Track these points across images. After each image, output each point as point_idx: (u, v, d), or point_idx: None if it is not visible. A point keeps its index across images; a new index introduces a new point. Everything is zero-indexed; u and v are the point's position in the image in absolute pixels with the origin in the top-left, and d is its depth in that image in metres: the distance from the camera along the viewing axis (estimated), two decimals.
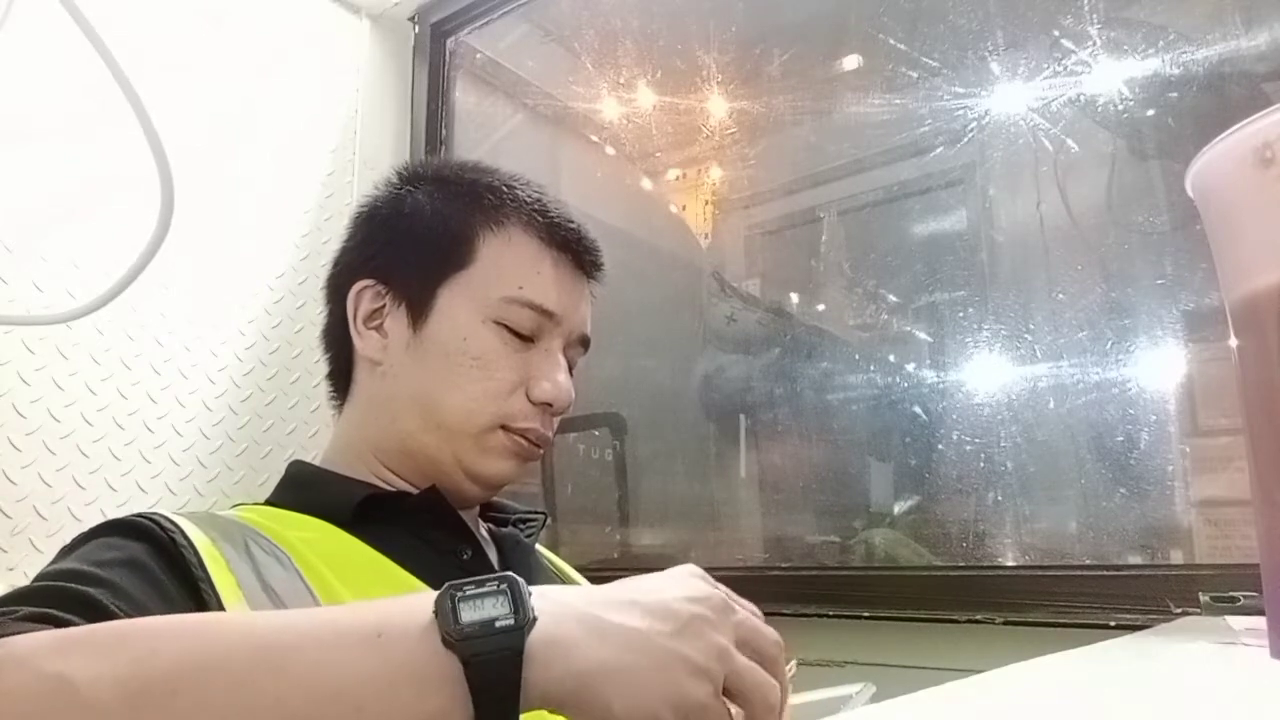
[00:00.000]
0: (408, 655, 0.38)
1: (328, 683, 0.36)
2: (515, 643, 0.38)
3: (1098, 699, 0.39)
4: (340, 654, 0.37)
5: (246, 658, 0.36)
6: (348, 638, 0.38)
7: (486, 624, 0.38)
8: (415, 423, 0.68)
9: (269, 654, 0.37)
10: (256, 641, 0.37)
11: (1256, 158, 0.43)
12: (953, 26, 1.20)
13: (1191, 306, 0.96)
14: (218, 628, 0.38)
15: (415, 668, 0.37)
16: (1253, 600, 0.73)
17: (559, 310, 0.69)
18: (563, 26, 1.55)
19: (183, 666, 0.35)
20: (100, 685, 0.34)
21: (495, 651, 0.38)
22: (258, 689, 0.35)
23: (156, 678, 0.35)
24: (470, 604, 0.39)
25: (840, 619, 0.97)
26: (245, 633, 0.38)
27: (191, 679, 0.35)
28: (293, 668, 0.36)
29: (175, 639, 0.37)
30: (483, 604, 0.39)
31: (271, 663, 0.36)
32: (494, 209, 0.70)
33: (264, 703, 0.35)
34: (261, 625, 0.39)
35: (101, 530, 0.54)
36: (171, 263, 1.03)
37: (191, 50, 1.14)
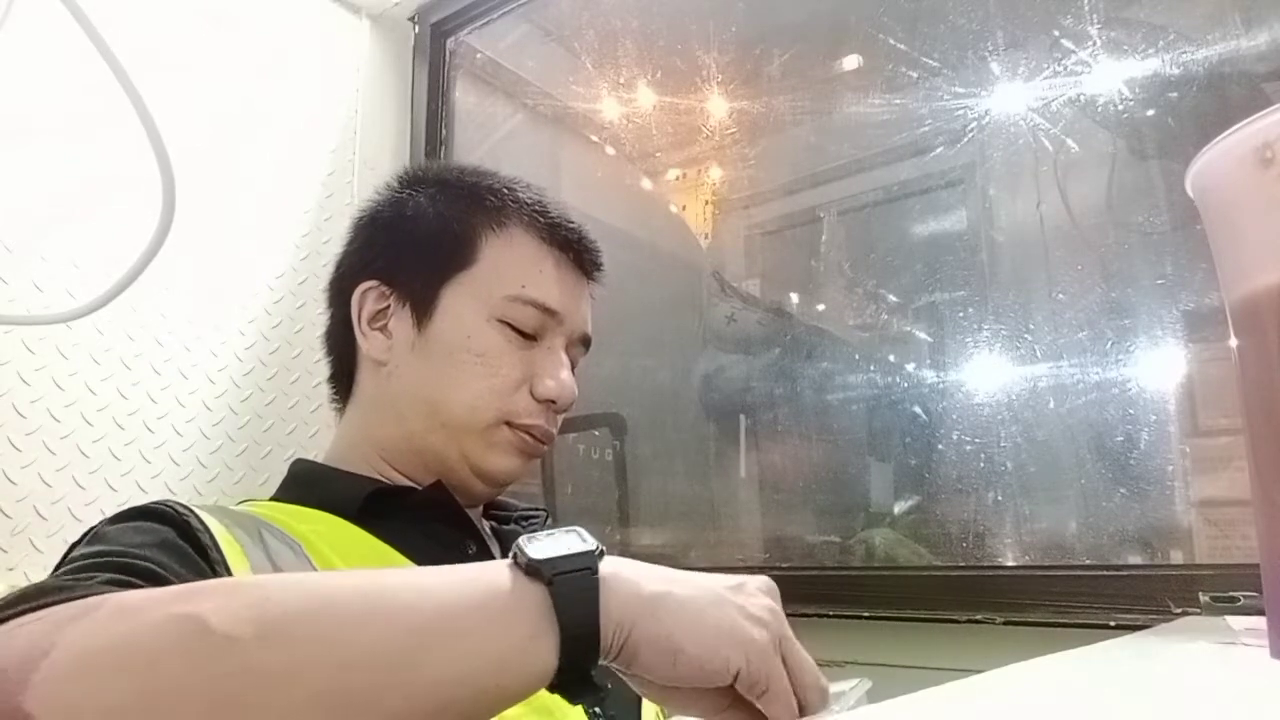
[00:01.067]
0: (496, 588, 0.40)
1: (425, 619, 0.38)
2: (590, 563, 0.41)
3: (1098, 699, 0.39)
4: (436, 593, 0.39)
5: (351, 600, 0.38)
6: (435, 580, 0.40)
7: (563, 551, 0.41)
8: (421, 421, 0.68)
9: (370, 597, 0.38)
10: (358, 587, 0.39)
11: (1256, 158, 0.43)
12: (953, 26, 1.20)
13: (1191, 306, 0.96)
14: (318, 577, 0.41)
15: (504, 597, 0.40)
16: (1253, 600, 0.73)
17: (561, 308, 0.70)
18: (563, 26, 1.55)
19: (296, 608, 0.37)
20: (230, 622, 0.35)
21: (574, 571, 0.41)
22: (365, 625, 0.37)
23: (275, 616, 0.36)
24: (541, 545, 0.42)
25: (840, 619, 0.97)
26: (346, 581, 0.40)
27: (306, 618, 0.37)
28: (395, 606, 0.38)
29: (283, 588, 0.38)
30: (555, 541, 0.42)
31: (374, 603, 0.38)
32: (496, 210, 0.71)
33: (370, 637, 0.37)
34: (357, 576, 0.41)
35: (126, 515, 0.54)
36: (172, 263, 1.03)
37: (192, 50, 1.14)
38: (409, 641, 0.37)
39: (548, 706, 0.59)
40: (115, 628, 0.35)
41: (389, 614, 0.38)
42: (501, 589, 0.40)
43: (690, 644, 0.41)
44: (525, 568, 0.41)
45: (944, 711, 0.37)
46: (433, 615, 0.38)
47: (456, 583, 0.40)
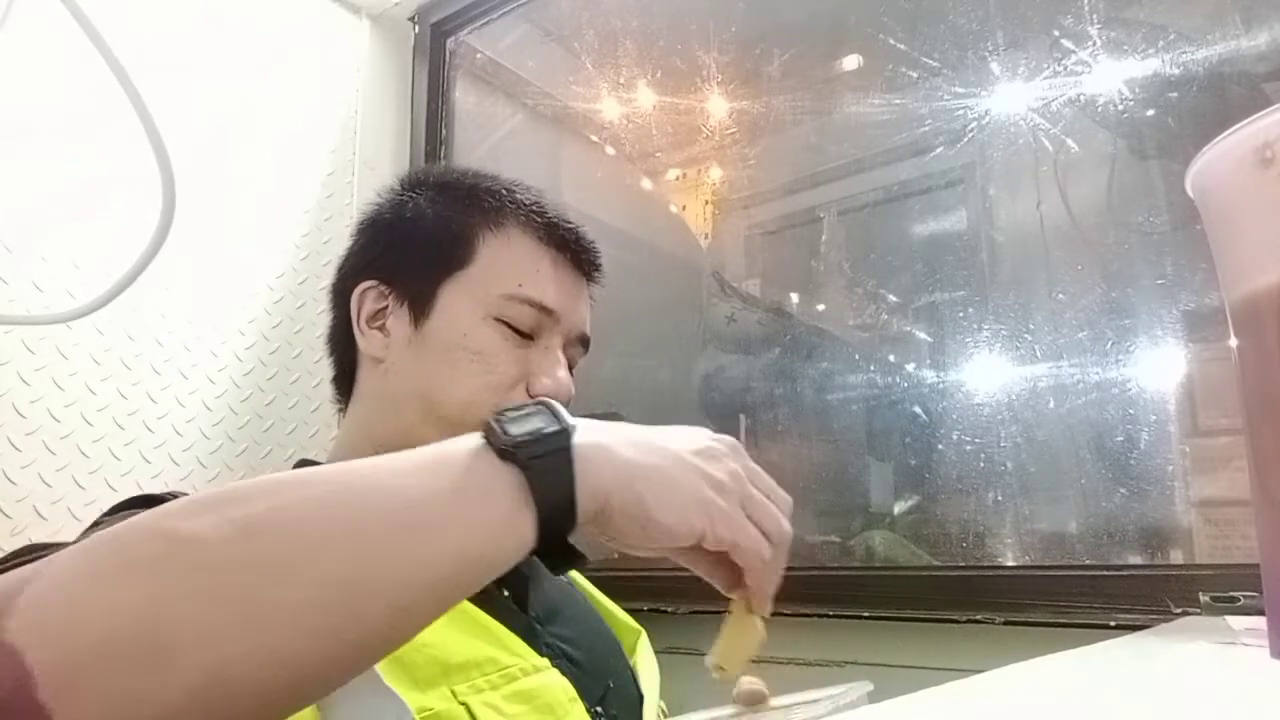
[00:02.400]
0: (470, 471, 0.41)
1: (403, 504, 0.39)
2: (564, 442, 0.42)
3: (1098, 699, 0.39)
4: (410, 479, 0.40)
5: (328, 493, 0.39)
6: (415, 465, 0.41)
7: (534, 432, 0.42)
8: (417, 417, 0.68)
9: (347, 488, 0.39)
10: (335, 480, 0.40)
11: (1256, 158, 0.43)
12: (953, 26, 1.20)
13: (1191, 306, 0.96)
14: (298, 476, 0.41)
15: (479, 480, 0.41)
16: (1253, 600, 0.73)
17: (558, 307, 0.70)
18: (563, 26, 1.55)
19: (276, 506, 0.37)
20: (211, 527, 0.35)
21: (547, 453, 0.42)
22: (343, 517, 0.38)
23: (257, 516, 0.37)
24: (516, 422, 0.43)
25: (840, 619, 0.97)
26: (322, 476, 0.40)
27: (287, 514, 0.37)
28: (370, 496, 0.39)
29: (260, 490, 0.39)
30: (527, 420, 0.43)
31: (350, 494, 0.39)
32: (493, 210, 0.72)
33: (346, 525, 0.37)
34: (334, 469, 0.41)
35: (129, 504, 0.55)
36: (172, 263, 1.03)
37: (192, 50, 1.14)
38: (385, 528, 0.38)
39: (549, 705, 0.59)
40: (97, 550, 0.35)
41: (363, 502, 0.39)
42: (477, 474, 0.41)
43: (659, 512, 0.43)
44: (499, 451, 0.41)
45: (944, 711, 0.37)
46: (408, 501, 0.39)
47: (429, 468, 0.41)
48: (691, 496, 0.45)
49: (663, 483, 0.44)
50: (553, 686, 0.60)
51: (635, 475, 0.44)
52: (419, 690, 0.52)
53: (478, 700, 0.54)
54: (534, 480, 0.41)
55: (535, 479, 0.41)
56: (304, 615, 0.35)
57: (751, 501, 0.47)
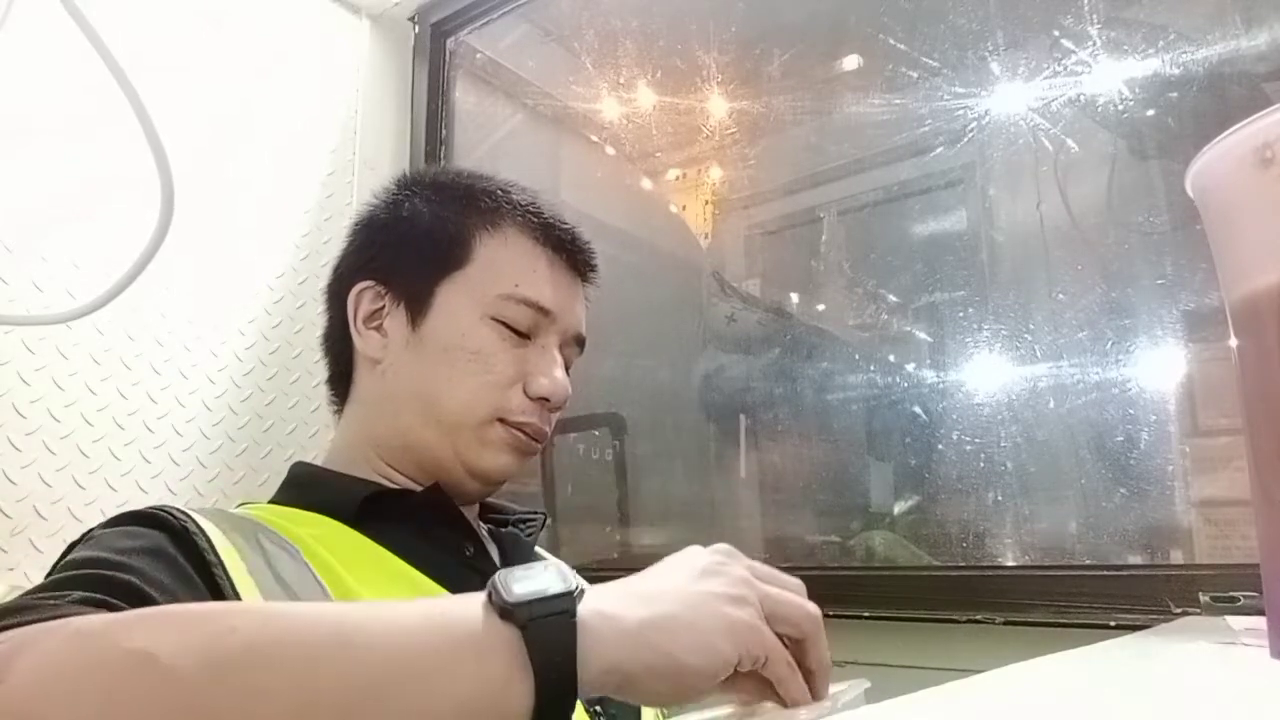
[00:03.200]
0: (468, 628, 0.39)
1: (394, 656, 0.38)
2: (568, 605, 0.40)
3: (1098, 699, 0.39)
4: (405, 632, 0.39)
5: (318, 634, 0.38)
6: (411, 617, 0.40)
7: (539, 592, 0.40)
8: (415, 418, 0.68)
9: (338, 631, 0.38)
10: (327, 621, 0.39)
11: (1256, 158, 0.43)
12: (953, 26, 1.20)
13: (1191, 306, 0.95)
14: (289, 608, 0.40)
15: (476, 638, 0.39)
16: (1253, 600, 0.73)
17: (554, 308, 0.70)
18: (563, 26, 1.55)
19: (260, 640, 0.36)
20: (182, 657, 0.34)
21: (550, 615, 0.40)
22: (330, 661, 0.37)
23: (236, 650, 0.36)
24: (521, 581, 0.41)
25: (840, 619, 0.97)
26: (316, 614, 0.39)
27: (268, 652, 0.36)
28: (360, 643, 0.38)
29: (250, 617, 0.38)
30: (533, 579, 0.41)
31: (341, 639, 0.38)
32: (490, 210, 0.72)
33: (335, 673, 0.36)
34: (329, 609, 0.40)
35: (120, 520, 0.54)
36: (171, 263, 1.03)
37: (191, 50, 1.14)
38: (372, 680, 0.37)
39: None
40: (70, 658, 0.34)
41: (354, 651, 0.37)
42: (474, 630, 0.39)
43: (690, 657, 0.41)
44: (500, 610, 0.40)
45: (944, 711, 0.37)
46: (398, 654, 0.38)
47: (427, 620, 0.39)
48: (712, 626, 0.43)
49: (683, 628, 0.42)
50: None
51: (649, 635, 0.41)
52: None
53: None
54: (533, 642, 0.39)
55: (534, 640, 0.39)
56: None
57: (770, 600, 0.45)
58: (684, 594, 0.44)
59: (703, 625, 0.42)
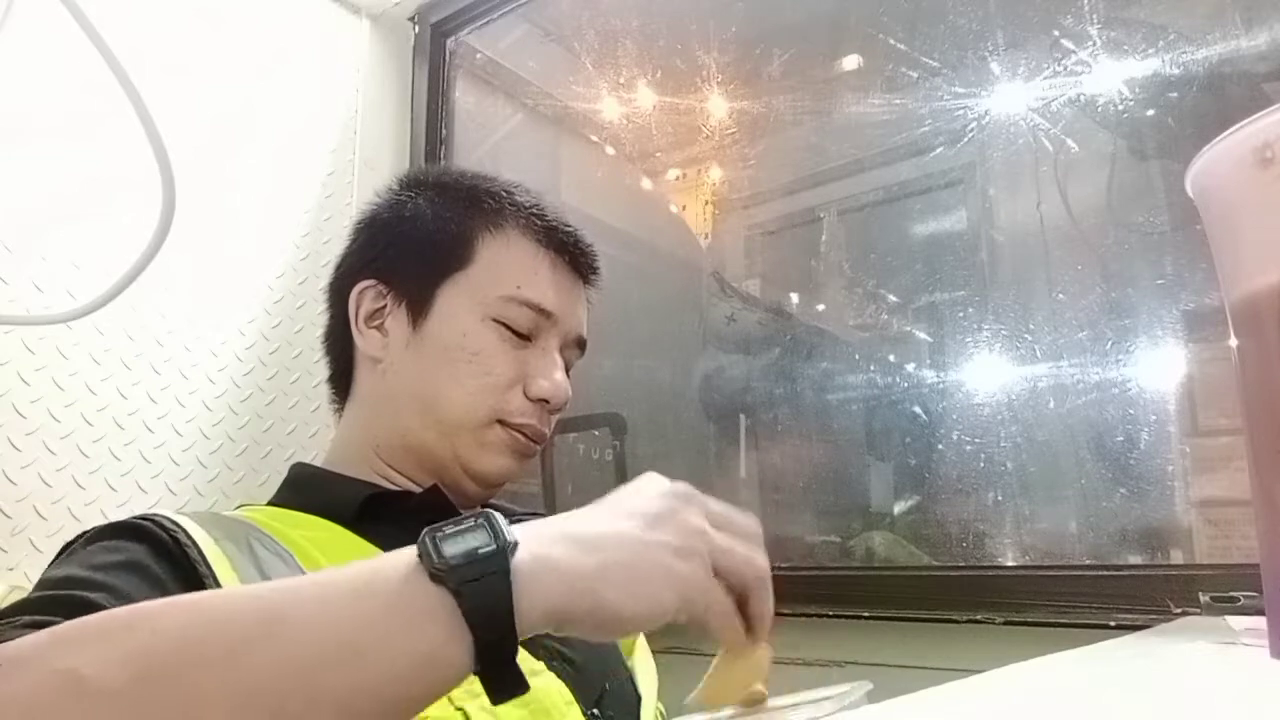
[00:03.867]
0: (397, 596, 0.38)
1: (325, 633, 0.37)
2: (500, 564, 0.39)
3: (1098, 699, 0.39)
4: (333, 606, 0.38)
5: (244, 621, 0.37)
6: (339, 589, 0.39)
7: (469, 553, 0.39)
8: (415, 419, 0.68)
9: (265, 615, 0.37)
10: (253, 606, 0.38)
11: (1256, 158, 0.43)
12: (953, 26, 1.20)
13: (1191, 306, 0.96)
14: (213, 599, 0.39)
15: (407, 606, 0.38)
16: (1253, 600, 0.73)
17: (556, 310, 0.70)
18: (563, 26, 1.55)
19: (185, 639, 0.36)
20: (108, 671, 0.34)
21: (482, 576, 0.38)
22: (258, 649, 0.36)
23: (161, 654, 0.35)
24: (450, 541, 0.39)
25: (840, 619, 0.97)
26: (242, 599, 0.39)
27: (195, 650, 0.35)
28: (289, 625, 0.37)
29: (174, 615, 0.37)
30: (463, 539, 0.39)
31: (268, 623, 0.37)
32: (493, 212, 0.72)
33: (265, 660, 0.36)
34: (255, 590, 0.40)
35: (102, 533, 0.54)
36: (172, 263, 1.03)
37: (191, 50, 1.14)
38: (308, 663, 0.36)
39: (546, 709, 0.59)
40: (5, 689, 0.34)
41: (283, 635, 0.36)
42: (406, 598, 0.38)
43: (625, 605, 0.41)
44: (431, 574, 0.38)
45: (944, 711, 0.37)
46: (331, 632, 0.37)
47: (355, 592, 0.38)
48: (656, 576, 0.42)
49: (622, 575, 0.41)
50: (549, 690, 0.60)
51: (588, 579, 0.40)
52: None
53: (475, 705, 0.54)
54: (466, 606, 0.38)
55: (467, 604, 0.38)
56: None
57: (719, 554, 0.44)
58: (629, 541, 0.43)
59: (645, 575, 0.42)
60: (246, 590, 0.40)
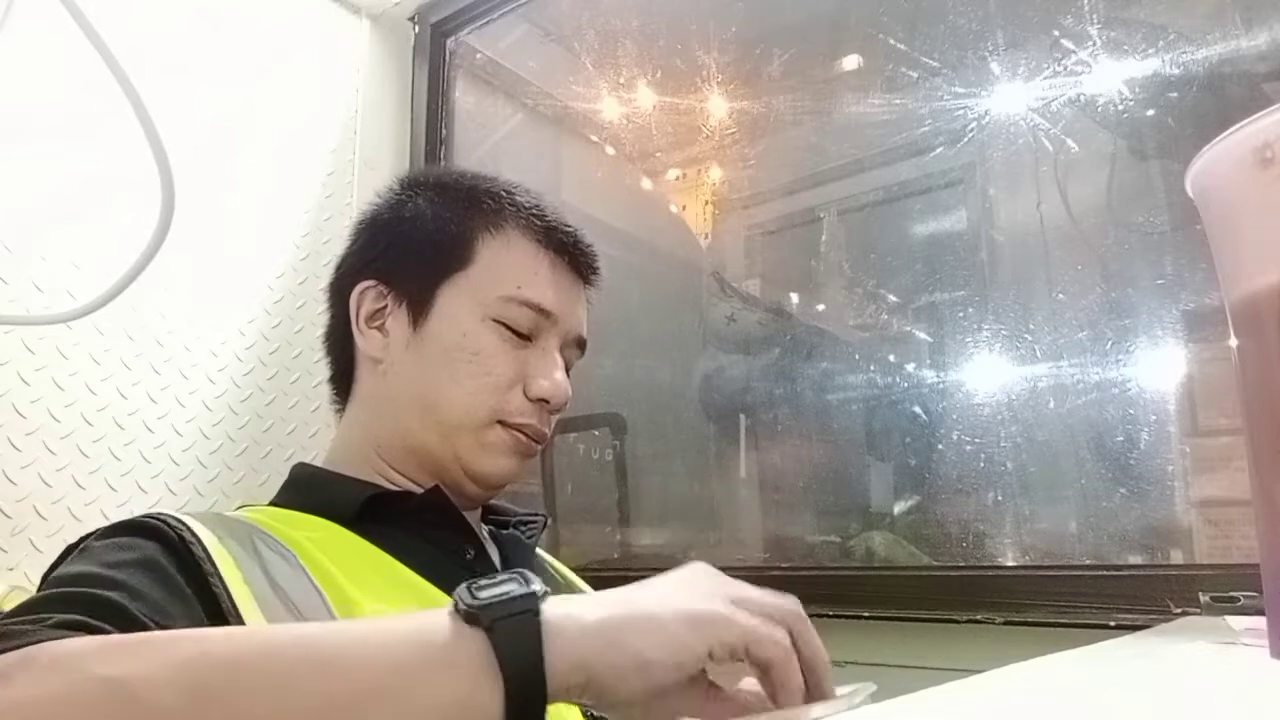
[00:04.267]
0: (436, 638, 0.40)
1: (368, 675, 0.38)
2: (531, 605, 0.41)
3: (1098, 699, 0.39)
4: (377, 649, 0.39)
5: (293, 655, 0.38)
6: (382, 634, 0.40)
7: (502, 595, 0.41)
8: (416, 420, 0.68)
9: (313, 652, 0.38)
10: (301, 642, 0.39)
11: (1256, 158, 0.43)
12: (953, 26, 1.20)
13: (1191, 306, 0.96)
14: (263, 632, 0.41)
15: (445, 647, 0.40)
16: (1253, 600, 0.73)
17: (556, 310, 0.70)
18: (563, 26, 1.55)
19: (235, 664, 0.37)
20: (156, 685, 0.34)
21: (513, 615, 0.40)
22: (305, 682, 0.37)
23: (210, 675, 0.36)
24: (485, 588, 0.41)
25: (840, 619, 0.97)
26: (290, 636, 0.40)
27: (244, 676, 0.36)
28: (336, 663, 0.38)
29: (224, 642, 0.38)
30: (496, 585, 0.42)
31: (316, 660, 0.38)
32: (493, 212, 0.72)
33: (313, 698, 0.37)
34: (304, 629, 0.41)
35: (113, 530, 0.54)
36: (171, 263, 1.03)
37: (191, 50, 1.14)
38: (348, 699, 0.37)
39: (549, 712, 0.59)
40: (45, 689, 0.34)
41: (327, 671, 0.38)
42: (441, 639, 0.40)
43: (655, 650, 0.41)
44: (465, 615, 0.40)
45: (944, 711, 0.37)
46: (372, 671, 0.38)
47: (397, 635, 0.40)
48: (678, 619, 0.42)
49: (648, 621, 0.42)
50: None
51: (615, 627, 0.41)
52: None
53: None
54: (498, 642, 0.39)
55: (500, 641, 0.39)
56: None
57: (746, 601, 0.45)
58: (648, 595, 0.44)
59: (665, 618, 0.42)
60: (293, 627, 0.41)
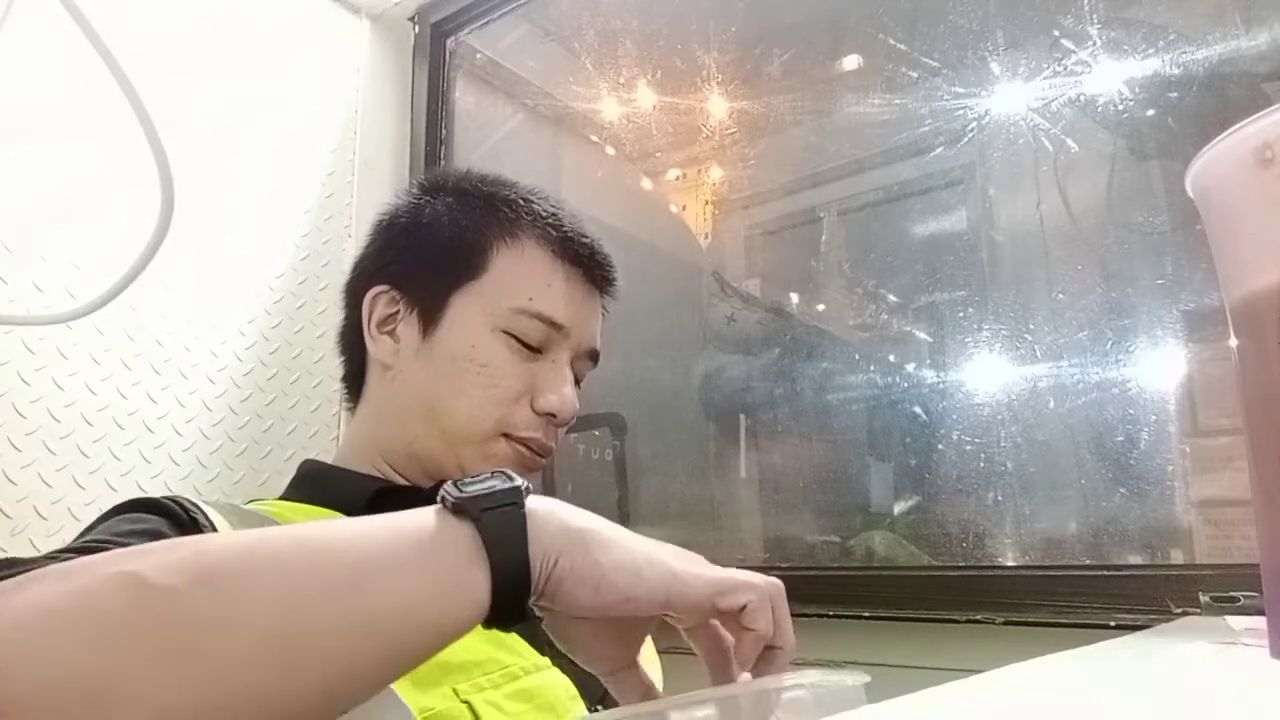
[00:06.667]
0: (426, 527, 0.42)
1: (361, 554, 0.40)
2: (516, 498, 0.43)
3: (1098, 699, 0.39)
4: (368, 534, 0.41)
5: (289, 544, 0.39)
6: (374, 523, 0.42)
7: (488, 489, 0.43)
8: (421, 427, 0.68)
9: (308, 541, 0.40)
10: (297, 534, 0.41)
11: (1256, 158, 0.43)
12: (953, 26, 1.20)
13: (1191, 306, 0.95)
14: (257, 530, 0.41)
15: (434, 534, 0.41)
16: (1253, 600, 0.73)
17: (568, 323, 0.70)
18: (563, 26, 1.55)
19: (231, 553, 0.38)
20: (164, 572, 0.36)
21: (499, 505, 0.42)
22: (301, 563, 0.38)
23: (210, 563, 0.37)
24: (471, 484, 0.43)
25: (840, 619, 0.97)
26: (286, 531, 0.42)
27: (245, 562, 0.38)
28: (330, 546, 0.40)
29: (226, 538, 0.40)
30: (481, 482, 0.44)
31: (311, 547, 0.40)
32: (509, 221, 0.71)
33: (307, 574, 0.38)
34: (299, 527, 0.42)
35: (124, 507, 0.55)
36: (171, 263, 1.03)
37: (191, 50, 1.14)
38: (345, 577, 0.38)
39: (550, 703, 0.59)
40: (55, 591, 0.35)
41: (325, 553, 0.39)
42: (432, 527, 0.41)
43: (616, 573, 0.43)
44: (452, 507, 0.42)
45: (944, 711, 0.37)
46: (367, 552, 0.40)
47: (388, 525, 0.42)
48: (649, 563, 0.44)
49: (620, 547, 0.44)
50: (554, 685, 0.60)
51: (590, 537, 0.44)
52: (420, 690, 0.52)
53: (480, 699, 0.54)
54: (486, 532, 0.41)
55: (487, 531, 0.41)
56: (242, 671, 0.35)
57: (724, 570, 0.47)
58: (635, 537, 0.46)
59: (636, 553, 0.44)
60: (281, 528, 0.42)
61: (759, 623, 0.47)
